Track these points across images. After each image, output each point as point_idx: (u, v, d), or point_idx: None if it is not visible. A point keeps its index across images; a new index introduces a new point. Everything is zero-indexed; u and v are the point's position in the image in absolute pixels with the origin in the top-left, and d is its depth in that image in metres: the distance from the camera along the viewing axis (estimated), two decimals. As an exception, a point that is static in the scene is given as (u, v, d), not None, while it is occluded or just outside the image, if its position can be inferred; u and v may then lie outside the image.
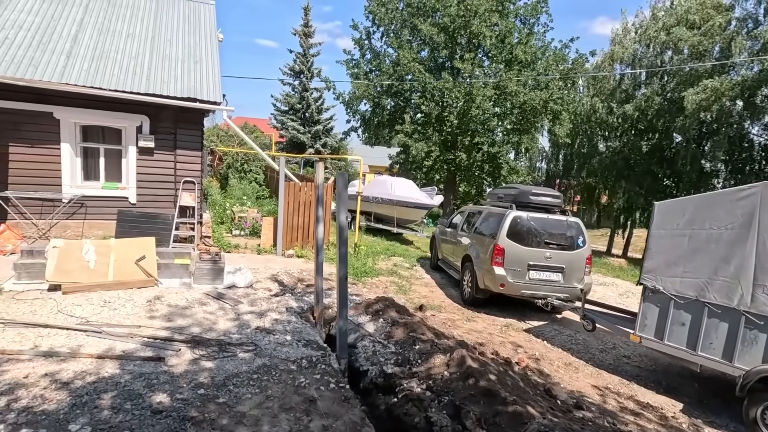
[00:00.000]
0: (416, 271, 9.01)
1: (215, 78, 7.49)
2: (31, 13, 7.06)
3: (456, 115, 15.73)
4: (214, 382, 3.44)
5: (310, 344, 4.43)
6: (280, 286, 6.33)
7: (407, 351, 4.38)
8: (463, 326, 5.89)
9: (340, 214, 4.31)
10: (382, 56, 17.35)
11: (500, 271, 6.22)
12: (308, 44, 25.50)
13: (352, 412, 3.32)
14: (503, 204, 7.00)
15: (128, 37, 7.55)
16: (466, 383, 3.70)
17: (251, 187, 15.07)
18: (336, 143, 26.10)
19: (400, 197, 12.55)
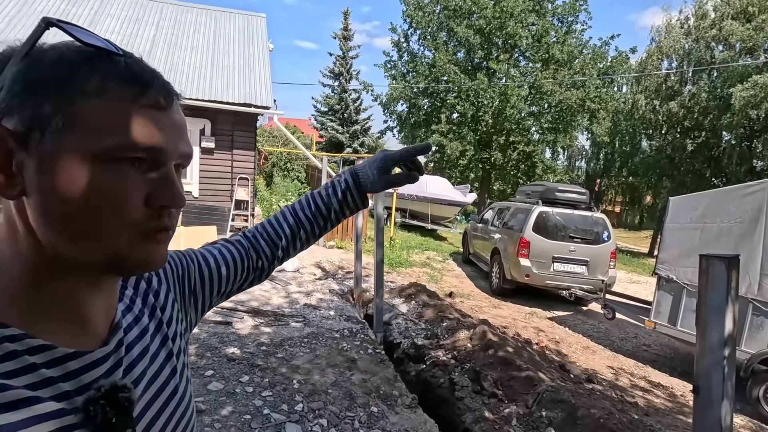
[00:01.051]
0: (448, 264, 9.52)
1: (267, 85, 8.34)
2: (114, 33, 8.19)
3: (491, 114, 16.02)
4: (272, 342, 4.16)
5: (350, 319, 5.09)
6: (323, 272, 7.05)
7: (435, 328, 4.95)
8: (489, 312, 6.36)
9: (378, 205, 4.93)
10: (418, 58, 17.88)
11: (525, 262, 6.64)
12: (347, 47, 26.40)
13: (387, 371, 3.94)
14: (531, 200, 7.39)
15: (192, 50, 8.54)
16: (486, 353, 4.22)
17: (294, 184, 16.06)
18: (373, 142, 26.85)
19: (434, 195, 13.05)
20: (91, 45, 0.40)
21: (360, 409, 3.20)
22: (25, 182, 0.39)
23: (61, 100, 0.38)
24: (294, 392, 3.29)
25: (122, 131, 0.39)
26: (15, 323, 0.39)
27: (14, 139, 0.38)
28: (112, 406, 0.42)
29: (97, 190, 0.39)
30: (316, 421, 2.97)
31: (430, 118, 18.18)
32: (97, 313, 0.46)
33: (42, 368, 0.40)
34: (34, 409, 0.38)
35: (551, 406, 3.32)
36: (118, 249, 0.41)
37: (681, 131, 18.07)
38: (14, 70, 0.38)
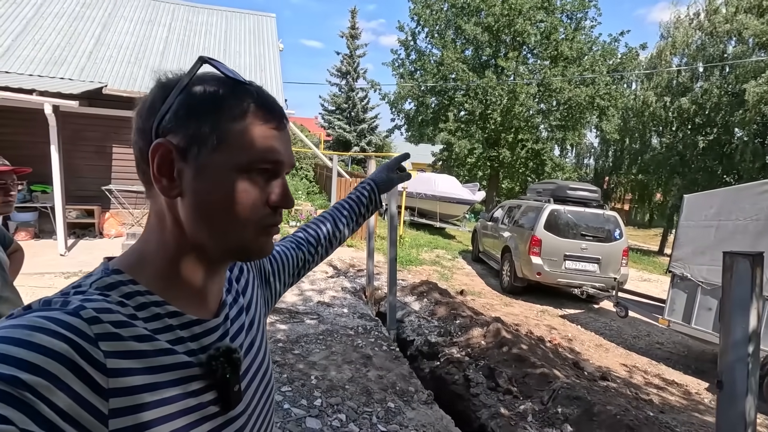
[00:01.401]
0: (458, 262, 9.54)
1: (278, 85, 8.40)
2: (128, 35, 8.29)
3: (499, 112, 15.97)
4: (289, 338, 4.23)
5: (363, 316, 5.14)
6: (335, 270, 7.11)
7: (449, 325, 4.98)
8: (501, 310, 6.39)
9: (392, 204, 4.97)
10: (426, 56, 17.86)
11: (537, 260, 6.64)
12: (354, 46, 26.44)
13: (402, 367, 3.98)
14: (542, 198, 7.39)
15: (204, 51, 8.62)
16: (500, 350, 4.25)
17: (303, 183, 16.14)
18: (380, 141, 26.89)
19: (443, 193, 13.06)
20: (232, 78, 0.51)
21: (377, 404, 3.26)
22: (182, 186, 0.49)
23: (215, 123, 0.49)
24: (312, 388, 3.35)
25: (258, 148, 0.51)
26: (158, 292, 0.50)
27: (177, 152, 0.49)
28: (228, 364, 0.51)
29: (237, 193, 0.50)
30: (335, 416, 3.03)
31: (438, 116, 18.17)
32: (212, 291, 0.57)
33: (177, 329, 0.50)
34: (174, 357, 0.48)
35: (567, 403, 3.35)
36: (244, 240, 0.53)
37: (692, 128, 17.88)
38: (180, 97, 0.49)
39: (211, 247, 0.52)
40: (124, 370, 0.42)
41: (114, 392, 0.41)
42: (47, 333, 0.38)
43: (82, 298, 0.44)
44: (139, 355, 0.44)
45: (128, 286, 0.48)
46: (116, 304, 0.46)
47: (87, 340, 0.40)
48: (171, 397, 0.46)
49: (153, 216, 0.53)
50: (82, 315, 0.42)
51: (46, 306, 0.43)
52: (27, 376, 0.36)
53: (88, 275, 0.50)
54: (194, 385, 0.49)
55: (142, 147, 0.50)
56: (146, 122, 0.50)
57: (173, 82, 0.50)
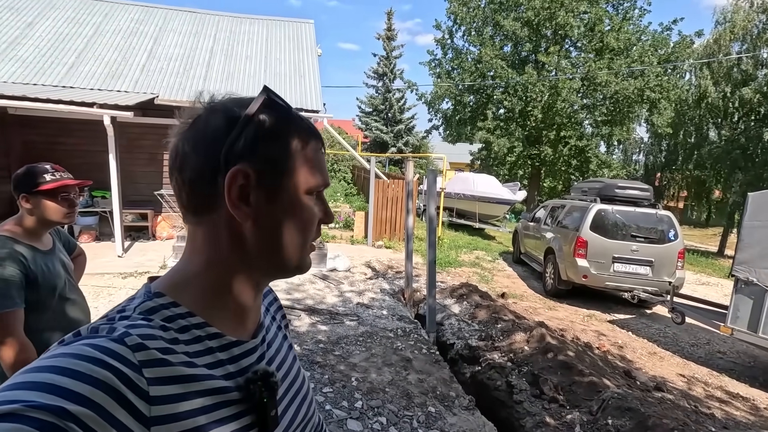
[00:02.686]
0: (498, 264, 9.32)
1: (316, 89, 8.56)
2: (176, 47, 8.75)
3: (540, 109, 15.48)
4: (329, 340, 4.29)
5: (402, 319, 5.13)
6: (374, 272, 7.15)
7: (490, 329, 4.87)
8: (545, 314, 6.17)
9: (430, 205, 4.93)
10: (463, 54, 17.62)
11: (583, 262, 6.36)
12: (391, 47, 26.51)
13: (442, 371, 3.94)
14: (588, 198, 7.07)
15: (247, 59, 8.95)
16: (544, 357, 4.10)
17: (341, 185, 16.37)
18: (417, 141, 26.80)
19: (482, 193, 12.82)
20: (289, 106, 0.54)
21: (418, 408, 3.23)
22: (254, 209, 0.51)
23: (286, 150, 0.52)
24: (353, 390, 3.37)
25: (320, 172, 0.55)
26: (199, 313, 0.51)
27: (254, 178, 0.51)
28: (266, 388, 0.52)
29: (305, 215, 0.54)
30: (375, 418, 3.03)
31: (476, 115, 17.86)
32: (253, 312, 0.58)
33: (216, 351, 0.51)
34: (214, 382, 0.48)
35: (618, 414, 3.17)
36: (303, 256, 0.56)
37: (756, 119, 16.52)
38: (251, 126, 0.51)
39: (272, 266, 0.55)
40: (166, 397, 0.43)
41: (156, 420, 0.42)
42: (93, 362, 0.39)
43: (126, 324, 0.45)
44: (181, 380, 0.45)
45: (170, 309, 0.50)
46: (159, 329, 0.47)
47: (131, 367, 0.41)
48: (210, 423, 0.46)
49: (201, 238, 0.53)
50: (127, 342, 0.42)
51: (94, 333, 0.44)
52: (73, 407, 0.36)
53: (132, 298, 0.51)
54: (232, 409, 0.49)
55: (200, 171, 0.50)
56: (207, 147, 0.50)
57: (236, 110, 0.51)
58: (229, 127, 0.50)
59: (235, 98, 0.54)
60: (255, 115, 0.51)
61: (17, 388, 0.37)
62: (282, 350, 0.64)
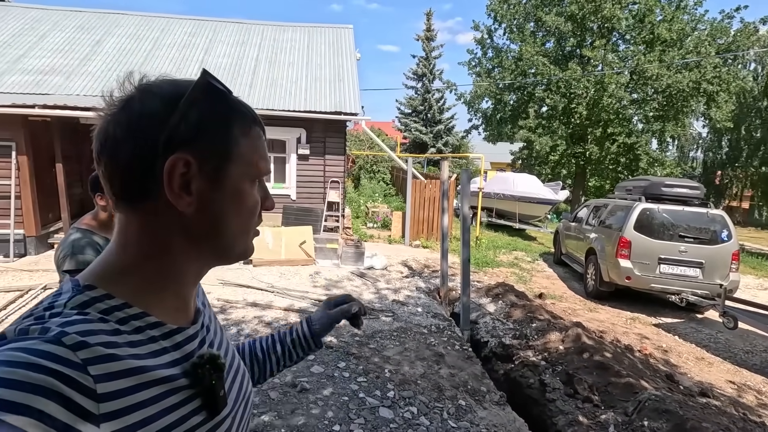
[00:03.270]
0: (538, 265, 9.14)
1: (355, 92, 8.81)
2: (224, 57, 9.31)
3: (585, 106, 14.95)
4: (365, 333, 4.46)
5: (437, 316, 5.22)
6: (410, 270, 7.26)
7: (524, 328, 4.85)
8: (584, 315, 6.03)
9: (464, 205, 4.99)
10: (504, 52, 17.35)
11: (626, 263, 6.15)
12: (430, 48, 26.48)
13: (474, 367, 4.00)
14: (632, 196, 6.82)
15: (289, 66, 9.36)
16: (580, 357, 4.05)
17: (379, 186, 16.60)
18: (457, 141, 26.57)
19: (522, 193, 12.58)
20: (230, 93, 0.52)
21: (448, 401, 3.32)
22: (196, 198, 0.50)
23: (229, 137, 0.51)
24: (386, 380, 3.52)
25: (263, 159, 0.56)
26: (136, 304, 0.49)
27: (196, 166, 0.49)
28: (214, 370, 0.52)
29: (249, 202, 0.55)
30: (407, 408, 3.16)
31: (517, 114, 17.52)
32: (191, 298, 0.58)
33: (160, 340, 0.50)
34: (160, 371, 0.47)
35: (654, 416, 3.11)
36: (246, 243, 0.57)
37: (832, 110, 15.07)
38: (192, 111, 0.48)
39: (215, 254, 0.55)
40: (114, 392, 0.41)
41: (105, 417, 0.40)
42: (28, 368, 0.36)
43: (60, 322, 0.42)
44: (128, 374, 0.43)
45: (104, 302, 0.47)
46: (98, 322, 0.44)
47: (74, 367, 0.39)
48: (158, 413, 0.45)
49: (136, 227, 0.51)
50: (65, 342, 0.39)
51: (23, 335, 0.40)
52: (12, 417, 0.34)
53: (57, 294, 0.47)
54: (180, 396, 0.49)
55: (132, 158, 0.48)
56: (142, 132, 0.48)
57: (173, 92, 0.49)
58: (167, 111, 0.48)
59: (170, 80, 0.52)
60: (196, 99, 0.49)
61: None
62: (217, 331, 0.64)
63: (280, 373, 1.19)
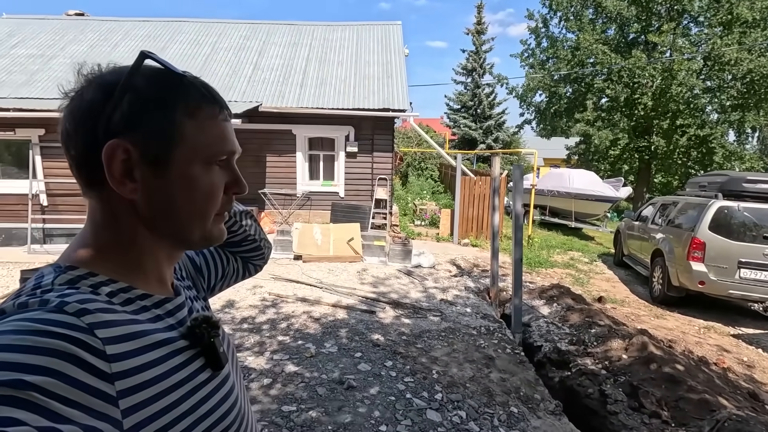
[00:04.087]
0: (596, 266, 8.61)
1: (403, 89, 8.74)
2: (277, 58, 9.60)
3: (650, 96, 13.86)
4: (412, 332, 4.39)
5: (487, 317, 5.04)
6: (458, 269, 7.10)
7: (583, 333, 4.56)
8: (650, 322, 5.57)
9: (516, 202, 4.77)
10: (559, 42, 16.50)
11: (699, 267, 5.60)
12: (480, 41, 25.79)
13: (527, 373, 3.80)
14: (707, 193, 6.20)
15: (338, 65, 9.46)
16: (646, 367, 3.73)
17: (427, 183, 16.42)
18: (508, 137, 25.72)
19: (579, 190, 11.92)
20: (176, 72, 0.51)
21: (499, 407, 3.18)
22: (141, 185, 0.50)
23: (171, 120, 0.50)
24: (433, 382, 3.43)
25: (216, 141, 0.53)
26: (121, 279, 0.51)
27: (135, 152, 0.48)
28: (212, 327, 0.54)
29: (200, 187, 0.52)
30: (455, 412, 3.06)
31: (574, 107, 16.62)
32: (168, 276, 0.59)
33: (152, 308, 0.52)
34: (160, 334, 0.49)
35: (736, 438, 2.78)
36: (207, 228, 0.55)
37: None
38: (128, 96, 0.48)
39: (175, 238, 0.54)
40: (122, 354, 0.43)
41: (118, 375, 0.42)
42: (39, 334, 0.38)
43: (57, 294, 0.43)
44: (131, 337, 0.45)
45: (89, 279, 0.48)
46: (90, 294, 0.46)
47: (82, 331, 0.40)
48: (167, 371, 0.47)
49: (100, 213, 0.52)
50: (68, 310, 0.41)
51: (24, 308, 0.42)
52: (32, 377, 0.35)
53: (39, 276, 0.48)
54: (184, 356, 0.50)
55: (83, 148, 0.49)
56: (85, 122, 0.48)
57: (112, 78, 0.49)
58: (105, 98, 0.48)
59: (115, 68, 0.51)
60: (131, 84, 0.48)
61: None
62: (199, 305, 0.66)
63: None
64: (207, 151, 0.52)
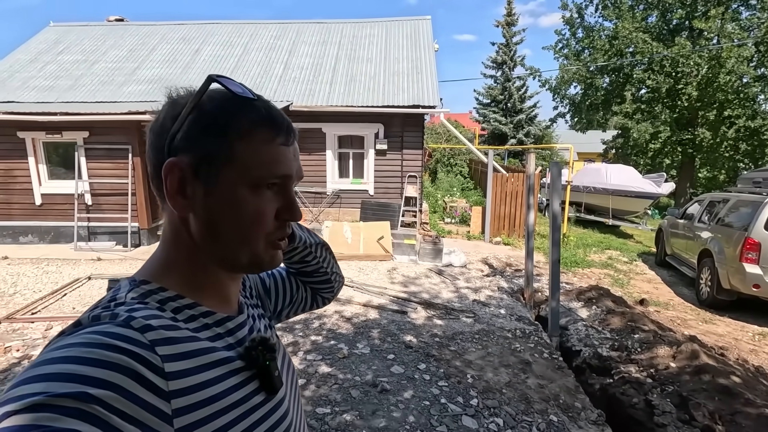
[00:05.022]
0: (636, 266, 8.23)
1: (433, 85, 8.60)
2: (307, 57, 9.65)
3: (696, 85, 13.10)
4: (445, 334, 4.31)
5: (522, 319, 4.89)
6: (490, 269, 6.94)
7: (625, 339, 4.35)
8: (697, 327, 5.26)
9: (554, 200, 4.58)
10: (596, 32, 15.83)
11: (753, 269, 5.23)
12: (511, 33, 25.12)
13: (566, 379, 3.65)
14: (763, 189, 5.79)
15: (368, 62, 9.41)
16: (697, 378, 3.51)
17: (457, 179, 16.18)
18: (540, 132, 24.99)
19: (617, 186, 11.43)
20: (240, 96, 0.52)
21: (538, 415, 3.06)
22: (194, 204, 0.52)
23: (224, 141, 0.51)
24: (468, 386, 3.34)
25: (266, 165, 0.52)
26: (187, 295, 0.53)
27: (189, 171, 0.51)
28: (266, 351, 0.54)
29: (247, 210, 0.52)
30: (491, 419, 2.97)
31: (611, 98, 15.94)
32: (233, 294, 0.60)
33: (213, 326, 0.53)
34: (218, 353, 0.50)
35: (803, 459, 2.56)
36: (256, 252, 0.55)
37: None
38: (190, 116, 0.51)
39: (223, 261, 0.55)
40: (180, 372, 0.44)
41: (175, 393, 0.43)
42: (105, 348, 0.40)
43: (126, 309, 0.46)
44: (190, 355, 0.46)
45: (159, 294, 0.51)
46: (157, 311, 0.48)
47: (144, 347, 0.42)
48: (223, 392, 0.48)
49: (168, 228, 0.55)
50: (134, 325, 0.43)
51: (96, 321, 0.44)
52: (96, 390, 0.37)
53: (117, 289, 0.52)
54: (240, 377, 0.51)
55: (155, 163, 0.52)
56: (159, 139, 0.52)
57: (183, 100, 0.52)
58: (173, 119, 0.51)
59: (188, 90, 0.54)
60: (195, 105, 0.50)
61: (33, 381, 0.37)
62: (263, 324, 0.67)
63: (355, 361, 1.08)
64: (255, 174, 0.52)
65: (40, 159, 7.93)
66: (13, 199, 8.02)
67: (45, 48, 10.17)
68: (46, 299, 5.08)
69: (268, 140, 0.53)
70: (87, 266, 6.59)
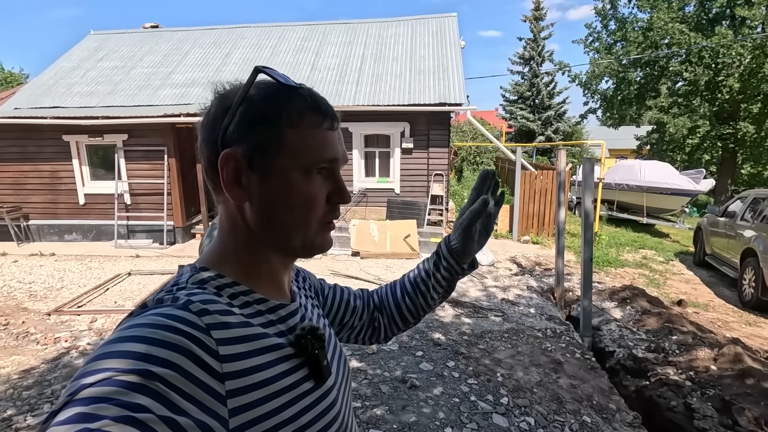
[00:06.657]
0: (673, 266, 7.92)
1: (460, 82, 8.54)
2: (333, 57, 9.75)
3: (738, 77, 12.46)
4: (473, 333, 4.29)
5: (552, 319, 4.80)
6: (519, 267, 6.84)
7: (662, 340, 4.21)
8: (740, 329, 5.02)
9: (586, 198, 4.48)
10: (629, 23, 15.27)
11: (803, 269, 4.95)
12: (539, 28, 24.60)
13: (599, 380, 3.57)
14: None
15: (393, 60, 9.43)
16: (740, 381, 3.37)
17: (483, 177, 16.00)
18: (569, 128, 24.37)
19: (651, 183, 11.02)
20: (285, 84, 0.54)
21: (570, 415, 3.01)
22: (250, 192, 0.54)
23: (275, 130, 0.53)
24: (498, 385, 3.32)
25: (315, 150, 0.54)
26: (242, 282, 0.55)
27: (244, 161, 0.53)
28: (315, 340, 0.56)
29: (301, 195, 0.54)
30: (522, 418, 2.94)
31: (645, 92, 15.35)
32: (286, 281, 0.62)
33: (266, 313, 0.55)
34: (270, 339, 0.52)
35: None
36: (309, 236, 0.57)
37: None
38: (241, 108, 0.53)
39: (278, 245, 0.57)
40: (233, 355, 0.46)
41: (228, 375, 0.45)
42: (167, 329, 0.42)
43: (186, 293, 0.49)
44: (243, 340, 0.48)
45: (216, 280, 0.53)
46: (214, 296, 0.50)
47: (200, 330, 0.44)
48: (274, 377, 0.49)
49: (225, 218, 0.57)
50: (192, 309, 0.46)
51: (159, 304, 0.47)
52: (157, 369, 0.39)
53: (180, 274, 0.55)
54: (290, 363, 0.53)
55: (209, 156, 0.54)
56: (211, 133, 0.54)
57: (233, 93, 0.54)
58: (224, 112, 0.53)
59: (236, 84, 0.56)
60: (245, 97, 0.52)
61: (104, 357, 0.40)
62: (316, 309, 0.69)
63: (393, 366, 1.10)
64: (306, 159, 0.54)
65: (83, 161, 8.35)
66: (59, 199, 8.48)
67: (86, 55, 10.69)
68: (90, 293, 5.37)
69: (315, 126, 0.55)
70: (126, 263, 6.91)
